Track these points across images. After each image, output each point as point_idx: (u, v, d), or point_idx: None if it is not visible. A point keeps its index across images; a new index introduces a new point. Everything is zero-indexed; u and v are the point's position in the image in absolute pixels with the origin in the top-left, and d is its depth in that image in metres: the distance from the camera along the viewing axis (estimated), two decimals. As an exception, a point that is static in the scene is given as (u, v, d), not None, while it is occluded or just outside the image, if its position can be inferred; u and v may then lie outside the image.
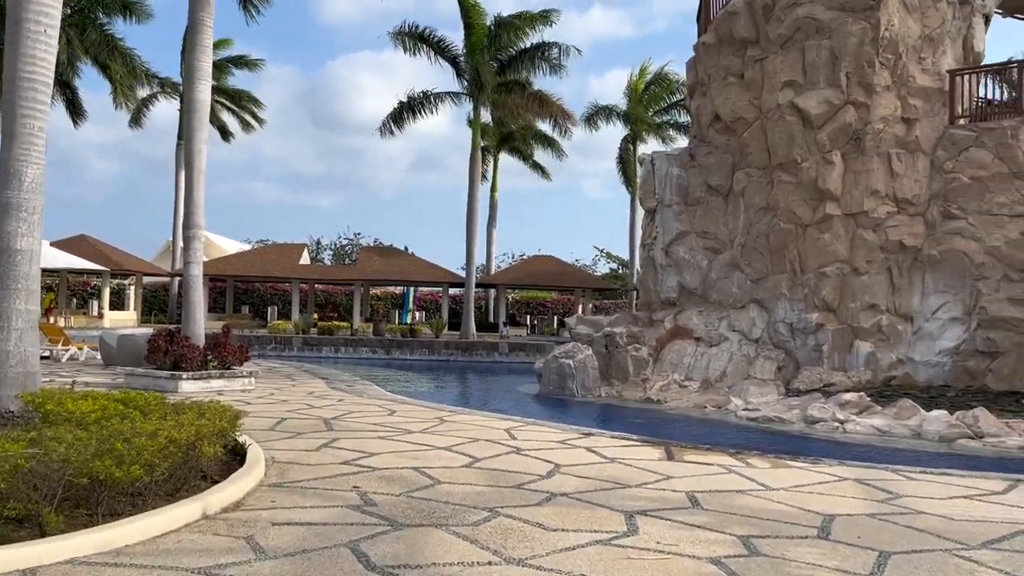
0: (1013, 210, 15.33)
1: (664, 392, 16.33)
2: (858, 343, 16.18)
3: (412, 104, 30.47)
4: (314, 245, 66.50)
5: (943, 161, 16.18)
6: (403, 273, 39.01)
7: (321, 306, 48.44)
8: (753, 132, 17.35)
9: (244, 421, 9.66)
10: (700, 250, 18.17)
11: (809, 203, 16.55)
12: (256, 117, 44.84)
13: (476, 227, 31.38)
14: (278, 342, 28.57)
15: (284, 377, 17.00)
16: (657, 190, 18.79)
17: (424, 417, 10.81)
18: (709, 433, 12.30)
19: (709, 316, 17.83)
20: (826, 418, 12.95)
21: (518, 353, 28.37)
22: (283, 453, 7.76)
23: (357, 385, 15.82)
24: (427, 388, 18.90)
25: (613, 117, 41.90)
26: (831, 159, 16.22)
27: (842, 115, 16.17)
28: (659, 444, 9.12)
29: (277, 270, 39.04)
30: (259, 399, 12.52)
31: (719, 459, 8.29)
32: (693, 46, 19.14)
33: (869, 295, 16.19)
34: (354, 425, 9.90)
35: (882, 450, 11.09)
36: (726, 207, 18.01)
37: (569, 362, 16.91)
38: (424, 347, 28.57)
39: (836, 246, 16.30)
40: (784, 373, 16.59)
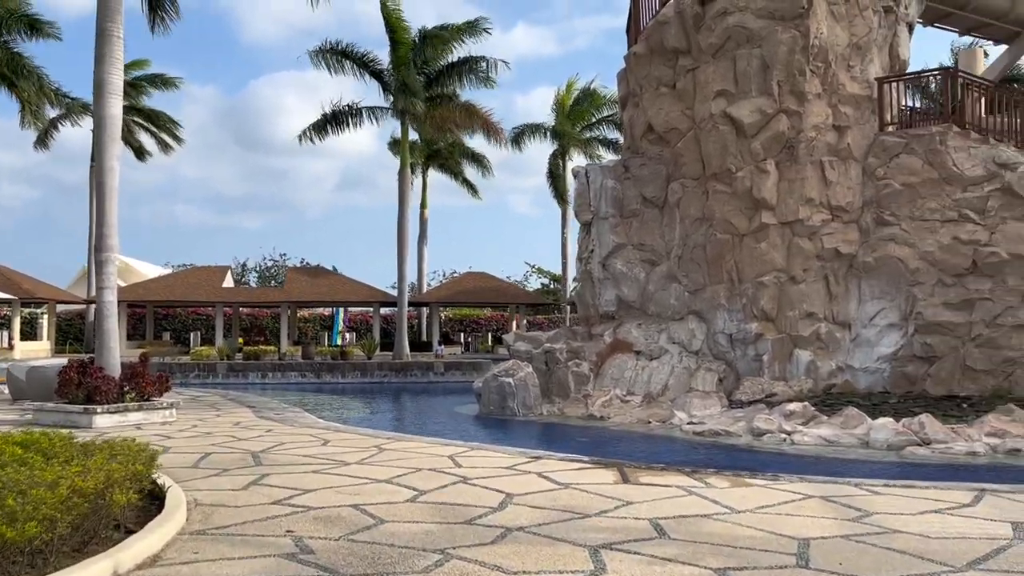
0: (944, 215, 15.47)
1: (606, 408, 15.96)
2: (798, 352, 16.09)
3: (336, 116, 29.69)
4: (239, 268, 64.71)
5: (875, 168, 16.27)
6: (332, 293, 38.03)
7: (247, 330, 46.99)
8: (687, 142, 17.20)
9: (164, 458, 8.90)
10: (637, 262, 17.92)
11: (745, 212, 16.45)
12: (175, 137, 43.40)
13: (407, 244, 30.70)
14: (201, 369, 27.36)
15: (208, 407, 16.07)
16: (592, 203, 18.50)
17: (361, 446, 10.16)
18: (658, 450, 11.94)
19: (648, 329, 17.57)
20: (772, 430, 12.74)
21: (454, 372, 27.76)
22: (207, 494, 7.06)
23: (287, 413, 15.03)
24: (362, 413, 18.16)
25: (541, 134, 41.80)
26: (765, 168, 16.15)
27: (775, 123, 16.13)
28: (611, 465, 8.67)
29: (199, 294, 37.64)
30: (181, 432, 11.68)
31: (676, 479, 7.88)
32: (624, 57, 18.97)
33: (807, 303, 16.14)
34: (285, 458, 9.20)
35: (833, 461, 10.88)
36: (662, 218, 17.82)
37: (509, 380, 16.41)
38: (356, 369, 27.73)
39: (773, 255, 16.22)
40: (726, 384, 16.40)
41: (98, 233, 13.80)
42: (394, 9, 27.86)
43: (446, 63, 28.93)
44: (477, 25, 28.63)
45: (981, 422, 11.99)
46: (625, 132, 19.03)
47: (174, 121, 42.99)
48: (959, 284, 15.17)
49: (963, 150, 15.46)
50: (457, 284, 42.61)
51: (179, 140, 43.57)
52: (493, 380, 16.69)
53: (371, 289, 39.05)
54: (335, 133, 30.17)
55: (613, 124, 41.84)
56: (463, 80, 29.01)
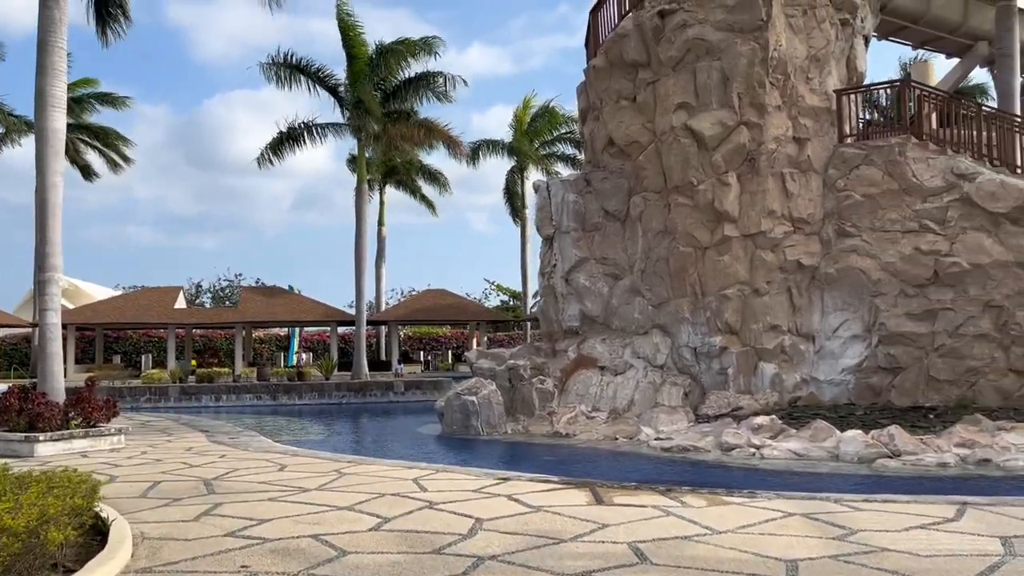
0: (905, 226, 15.50)
1: (572, 425, 15.66)
2: (762, 365, 15.97)
3: (292, 134, 29.14)
4: (193, 288, 63.49)
5: (835, 180, 16.28)
6: (288, 313, 37.31)
7: (200, 352, 45.92)
8: (648, 155, 17.07)
9: (110, 488, 8.39)
10: (600, 276, 17.71)
11: (707, 225, 16.34)
12: (124, 156, 42.36)
13: (365, 262, 30.20)
14: (153, 393, 26.51)
15: (159, 432, 15.44)
16: (554, 217, 18.27)
17: (320, 470, 9.72)
18: (627, 468, 11.66)
19: (613, 344, 17.34)
20: (741, 444, 12.54)
21: (414, 391, 27.25)
22: (155, 527, 6.59)
23: (242, 437, 14.47)
24: (320, 435, 17.62)
25: (499, 150, 41.65)
26: (727, 180, 16.07)
27: (736, 136, 16.07)
28: (583, 485, 8.35)
29: (151, 315, 36.67)
30: (129, 460, 11.11)
31: (651, 499, 7.58)
32: (583, 70, 18.83)
33: (771, 316, 16.05)
34: (240, 485, 8.73)
35: (805, 476, 10.69)
36: (624, 232, 17.65)
37: (472, 399, 16.04)
38: (314, 390, 27.09)
39: (736, 267, 16.11)
40: (691, 399, 16.22)
41: (40, 252, 13.19)
42: (351, 22, 27.50)
43: (403, 79, 28.61)
44: (433, 43, 28.37)
45: (949, 433, 11.91)
46: (586, 146, 18.87)
47: (123, 139, 41.98)
48: (921, 294, 15.19)
49: (922, 161, 15.53)
50: (416, 302, 42.12)
51: (128, 160, 42.54)
52: (456, 399, 16.30)
53: (328, 308, 38.39)
54: (291, 151, 29.66)
55: (570, 141, 41.87)
56: (421, 96, 28.71)
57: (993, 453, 11.02)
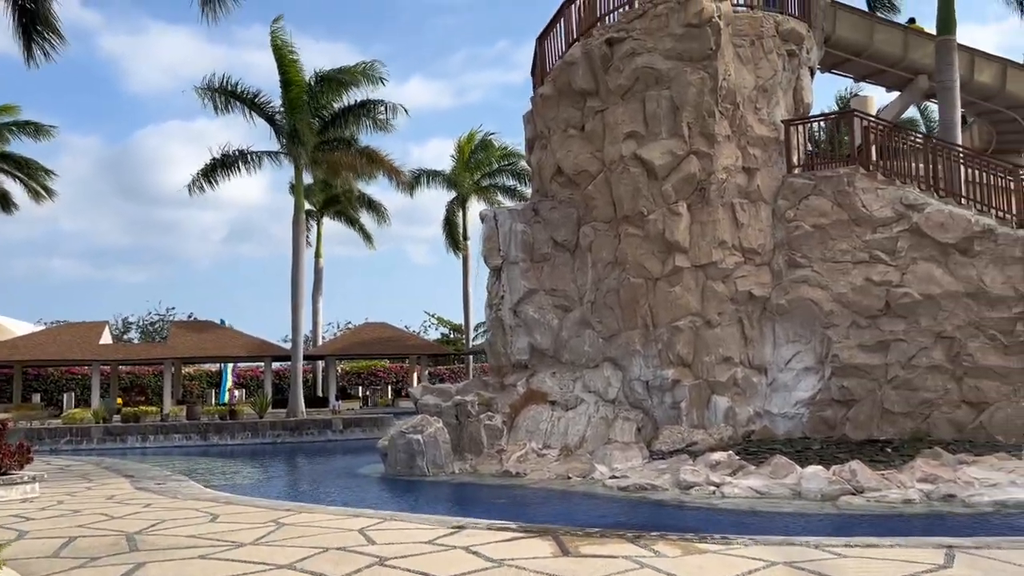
0: (856, 256, 15.40)
1: (522, 463, 15.04)
2: (715, 398, 15.62)
3: (226, 161, 28.17)
4: (119, 324, 61.21)
5: (784, 210, 16.15)
6: (220, 348, 35.96)
7: (127, 390, 44.03)
8: (597, 185, 16.73)
9: (18, 546, 7.48)
10: (550, 308, 17.21)
11: (658, 256, 16.01)
12: (47, 188, 40.58)
13: (302, 294, 29.24)
14: (74, 434, 25.03)
15: (79, 478, 14.34)
16: (502, 247, 17.76)
17: (257, 520, 8.91)
18: (585, 510, 11.08)
19: (563, 378, 16.82)
20: (700, 482, 12.08)
21: (353, 429, 26.30)
22: (67, 596, 5.78)
23: (170, 482, 13.48)
24: (255, 479, 16.64)
25: (439, 180, 41.22)
26: (677, 210, 15.79)
27: (686, 165, 15.83)
28: (545, 534, 7.74)
29: (74, 352, 34.96)
30: (43, 511, 10.11)
31: (621, 548, 7.01)
32: (531, 98, 18.47)
33: (723, 348, 15.74)
34: (166, 540, 7.88)
35: (771, 516, 10.27)
36: (574, 262, 17.22)
37: (418, 437, 15.30)
38: (247, 429, 25.93)
39: (687, 299, 15.79)
40: (644, 433, 15.76)
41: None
42: (286, 49, 26.79)
43: (343, 106, 27.96)
44: (373, 70, 27.83)
45: (911, 467, 11.64)
46: (534, 175, 18.47)
47: (46, 170, 40.23)
48: (873, 325, 15.06)
49: (871, 191, 15.49)
50: (355, 335, 41.11)
51: (51, 192, 40.77)
52: (400, 437, 15.55)
53: (262, 342, 37.14)
54: (225, 179, 28.67)
55: (511, 173, 41.68)
56: (361, 124, 28.08)
57: (957, 488, 10.75)
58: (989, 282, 14.31)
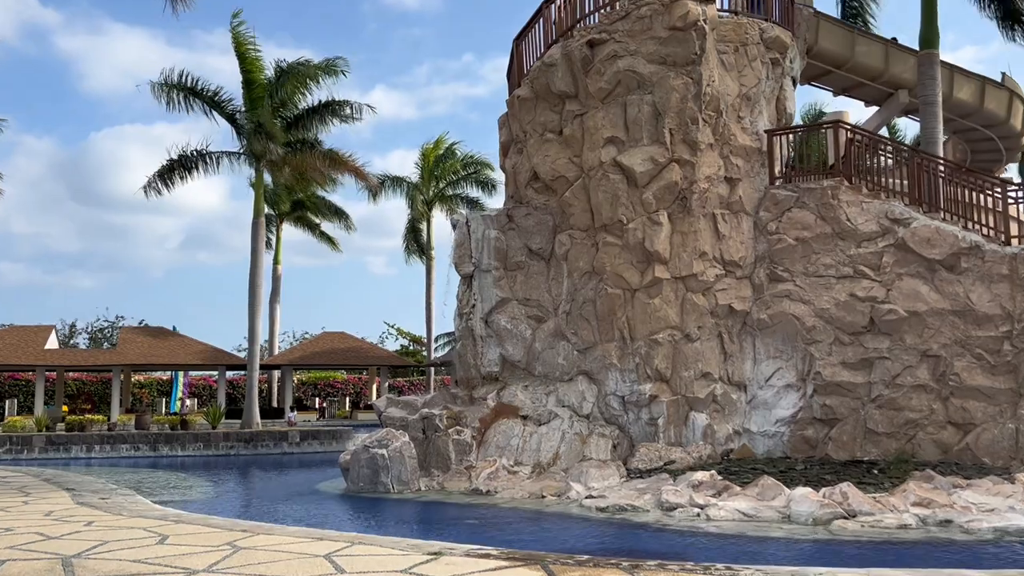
0: (839, 271, 14.97)
1: (492, 481, 14.30)
2: (694, 415, 15.06)
3: (184, 162, 27.04)
4: (66, 329, 59.29)
5: (767, 222, 15.69)
6: (172, 356, 34.74)
7: (73, 397, 42.47)
8: (575, 191, 16.12)
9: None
10: (523, 318, 16.51)
11: (637, 266, 15.42)
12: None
13: (259, 300, 28.17)
14: (14, 443, 23.71)
15: (15, 491, 13.29)
16: (473, 254, 17.04)
17: (210, 543, 8.06)
18: (565, 534, 10.38)
19: (536, 391, 16.13)
20: (683, 503, 11.47)
21: (311, 442, 25.31)
22: (-15, 637, 4.92)
23: (115, 497, 12.52)
24: (207, 494, 15.66)
25: (403, 188, 40.47)
26: (658, 219, 15.24)
27: (667, 173, 15.29)
28: (531, 561, 7.03)
29: (17, 357, 33.48)
30: (-30, 530, 9.15)
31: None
32: (506, 101, 17.83)
33: (702, 363, 15.18)
34: (107, 566, 7.02)
35: (763, 541, 9.67)
36: (549, 272, 16.56)
37: (382, 452, 14.49)
38: (199, 440, 24.81)
39: (667, 311, 15.22)
40: (620, 451, 15.13)
41: None
42: (249, 46, 25.85)
43: (306, 107, 27.06)
44: (335, 65, 26.96)
45: (904, 491, 11.12)
46: (508, 180, 17.80)
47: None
48: (857, 342, 14.63)
49: (856, 204, 15.09)
50: (312, 345, 40.04)
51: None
52: (364, 452, 14.71)
53: (216, 350, 35.98)
54: (182, 181, 27.50)
55: (476, 182, 41.09)
56: (326, 125, 27.21)
57: (954, 514, 10.27)
58: (976, 300, 13.95)
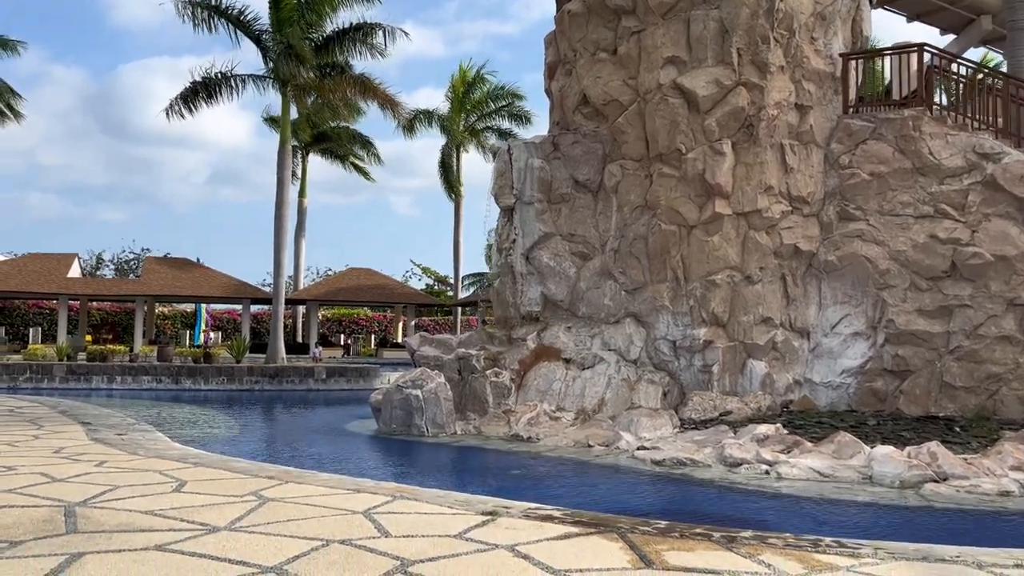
0: (919, 210, 13.67)
1: (534, 427, 13.34)
2: (751, 363, 13.97)
3: (208, 84, 25.82)
4: (92, 259, 58.88)
5: (838, 155, 14.37)
6: (196, 287, 34.00)
7: (97, 327, 42.06)
8: (629, 117, 14.82)
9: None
10: (567, 255, 15.39)
11: (695, 200, 14.19)
12: (13, 109, 37.96)
13: (285, 233, 27.18)
14: (34, 371, 23.11)
15: (28, 423, 12.47)
16: (515, 185, 15.85)
17: (232, 492, 7.12)
18: (623, 489, 9.40)
19: (579, 333, 15.07)
20: (749, 459, 10.42)
21: (337, 379, 24.53)
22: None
23: (132, 432, 11.66)
24: (230, 431, 14.84)
25: (434, 121, 39.08)
26: (721, 149, 13.95)
27: (733, 98, 13.96)
28: (605, 528, 6.00)
29: (40, 284, 32.88)
30: (-30, 467, 8.28)
31: (717, 558, 5.28)
32: (554, 17, 16.44)
33: (763, 307, 14.04)
34: (115, 517, 6.08)
35: (848, 506, 8.62)
36: (596, 205, 15.36)
37: (417, 393, 13.55)
38: (223, 374, 24.10)
39: (726, 250, 14.02)
40: (670, 399, 14.10)
41: None
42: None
43: (336, 29, 25.65)
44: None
45: (999, 453, 10.01)
46: (554, 105, 16.49)
47: (13, 91, 37.62)
48: (935, 288, 13.38)
49: (939, 137, 13.71)
50: (339, 281, 39.21)
51: (18, 114, 38.18)
52: (397, 392, 13.78)
53: (241, 283, 35.23)
54: (207, 104, 26.31)
55: (509, 115, 39.62)
56: (355, 50, 25.77)
57: (1064, 480, 9.15)
58: (1073, 244, 12.64)
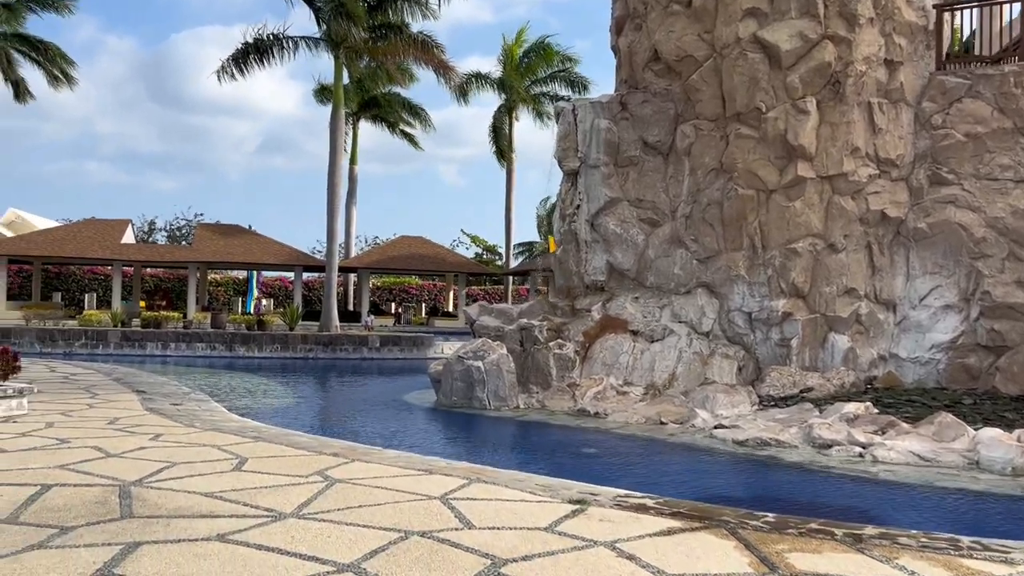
0: (1019, 174, 12.64)
1: (600, 401, 12.71)
2: (833, 336, 13.13)
3: (260, 46, 25.36)
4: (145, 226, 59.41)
5: (931, 114, 13.34)
6: (248, 254, 33.88)
7: (150, 293, 42.36)
8: (704, 74, 13.93)
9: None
10: (634, 222, 14.63)
11: (775, 163, 13.31)
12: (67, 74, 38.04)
13: (338, 198, 26.76)
14: (89, 337, 23.09)
15: (82, 391, 12.20)
16: (580, 148, 15.09)
17: (297, 471, 6.62)
18: (707, 471, 8.74)
19: (647, 304, 14.34)
20: (839, 440, 9.67)
21: (391, 348, 24.15)
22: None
23: (188, 403, 11.31)
24: (287, 401, 14.47)
25: (488, 85, 38.27)
26: (804, 107, 13.03)
27: (818, 52, 13.00)
28: (713, 522, 5.36)
29: (94, 250, 33.02)
30: (24, 437, 7.92)
31: (847, 561, 4.61)
32: (624, -32, 15.54)
33: (847, 277, 13.16)
34: (174, 500, 5.60)
35: (960, 495, 7.84)
36: (667, 168, 14.55)
37: (478, 364, 12.98)
38: (276, 342, 23.86)
39: (808, 216, 13.15)
40: (745, 374, 13.34)
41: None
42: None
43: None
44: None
45: (1122, 438, 9.12)
46: (622, 62, 15.63)
47: (65, 56, 37.67)
48: (1038, 259, 12.38)
49: (1045, 94, 12.61)
50: (390, 249, 38.86)
51: (71, 79, 38.29)
52: (458, 363, 13.24)
53: (293, 250, 35.06)
54: (259, 66, 25.88)
55: (565, 81, 38.62)
56: (408, 10, 25.05)
57: None
58: None
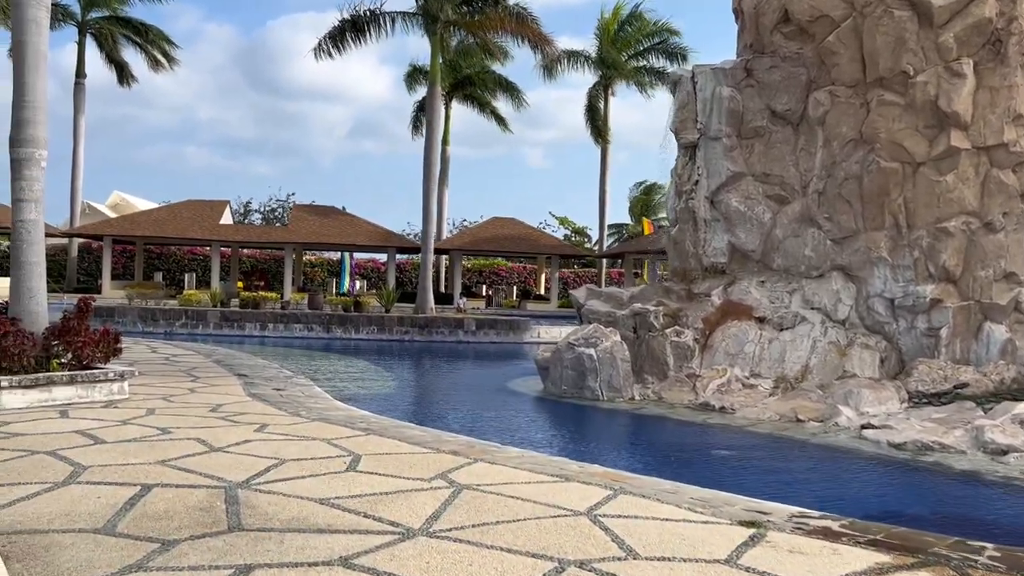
0: None
1: (725, 395, 11.68)
2: (989, 326, 11.76)
3: (356, 23, 24.94)
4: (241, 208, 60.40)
5: (1108, 76, 11.76)
6: (342, 235, 33.73)
7: (248, 273, 42.82)
8: (842, 35, 12.64)
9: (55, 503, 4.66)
10: (760, 198, 13.47)
11: (924, 133, 11.98)
12: (168, 56, 38.66)
13: (433, 178, 26.24)
14: (190, 316, 23.11)
15: (183, 374, 11.81)
16: (700, 118, 13.99)
17: (416, 473, 5.88)
18: (869, 480, 7.69)
19: (774, 288, 13.21)
20: (1017, 446, 8.45)
21: (487, 331, 23.49)
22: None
23: (291, 388, 10.77)
24: (389, 386, 13.89)
25: (582, 62, 37.15)
26: (959, 70, 11.64)
27: (976, 7, 11.60)
28: (927, 559, 4.36)
29: (193, 231, 33.39)
30: (122, 428, 7.40)
31: None
32: (749, -77, 14.30)
33: (1006, 260, 11.76)
34: (285, 508, 4.90)
35: None
36: (797, 140, 13.33)
37: (590, 352, 12.10)
38: (372, 324, 23.47)
39: (962, 191, 11.78)
40: (887, 367, 12.09)
41: (15, 119, 9.32)
42: None
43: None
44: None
45: None
46: (747, 24, 14.42)
47: (167, 38, 38.25)
48: None
49: None
50: (482, 230, 38.26)
51: (172, 60, 38.93)
52: (568, 351, 12.39)
53: (387, 232, 34.79)
54: (355, 44, 25.48)
55: (663, 53, 37.18)
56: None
57: None
58: None
